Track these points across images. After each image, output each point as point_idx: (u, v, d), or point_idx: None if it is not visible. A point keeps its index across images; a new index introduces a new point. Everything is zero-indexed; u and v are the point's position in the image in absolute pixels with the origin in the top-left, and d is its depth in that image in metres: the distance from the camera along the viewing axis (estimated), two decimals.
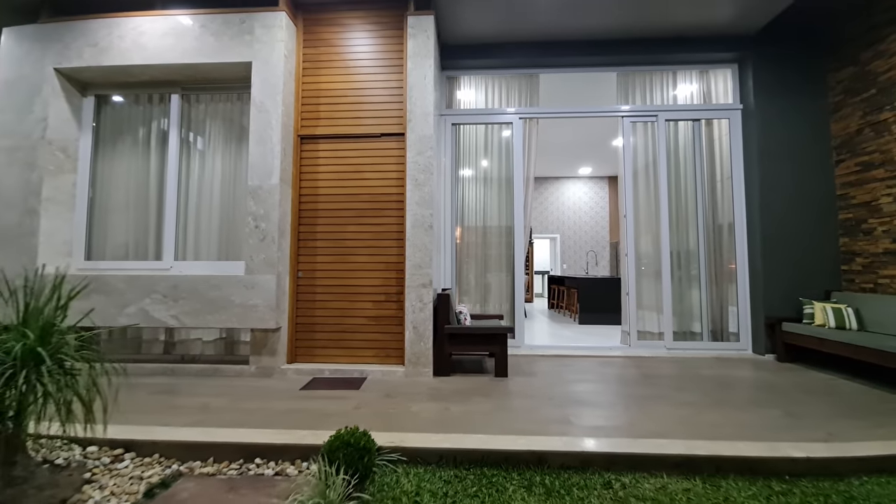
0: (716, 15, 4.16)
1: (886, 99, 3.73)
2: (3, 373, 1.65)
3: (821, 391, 3.09)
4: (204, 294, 3.46)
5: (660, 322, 4.56)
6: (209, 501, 1.76)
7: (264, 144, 3.55)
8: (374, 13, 3.87)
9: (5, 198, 3.68)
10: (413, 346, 3.50)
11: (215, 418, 2.49)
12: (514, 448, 2.02)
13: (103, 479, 1.92)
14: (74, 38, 3.75)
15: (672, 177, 4.66)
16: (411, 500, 1.73)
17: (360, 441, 1.77)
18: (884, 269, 3.75)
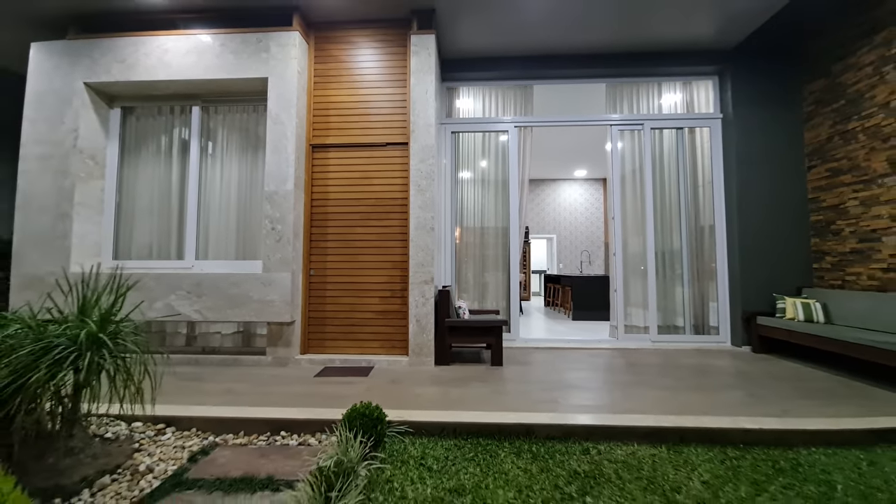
0: (697, 31, 4.43)
1: (854, 109, 4.01)
2: (69, 356, 1.93)
3: (786, 377, 3.37)
4: (225, 291, 3.73)
5: (645, 317, 4.84)
6: (245, 465, 2.03)
7: (279, 153, 3.83)
8: (379, 31, 4.15)
9: (40, 203, 3.96)
10: (416, 337, 3.78)
11: (241, 399, 2.77)
12: (505, 421, 2.30)
13: (150, 448, 2.20)
14: (102, 54, 4.02)
15: (657, 181, 4.94)
16: (418, 462, 2.01)
17: (373, 413, 2.05)
18: (850, 266, 4.03)
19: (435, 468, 1.97)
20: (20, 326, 1.98)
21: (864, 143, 3.87)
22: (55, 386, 1.96)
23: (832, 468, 2.01)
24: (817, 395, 2.91)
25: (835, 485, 1.86)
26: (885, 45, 3.68)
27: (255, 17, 3.98)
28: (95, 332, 1.99)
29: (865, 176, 3.85)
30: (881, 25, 3.72)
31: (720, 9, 4.02)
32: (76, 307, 2.15)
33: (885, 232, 3.67)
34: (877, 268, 3.75)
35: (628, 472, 1.95)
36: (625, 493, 1.78)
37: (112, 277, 2.25)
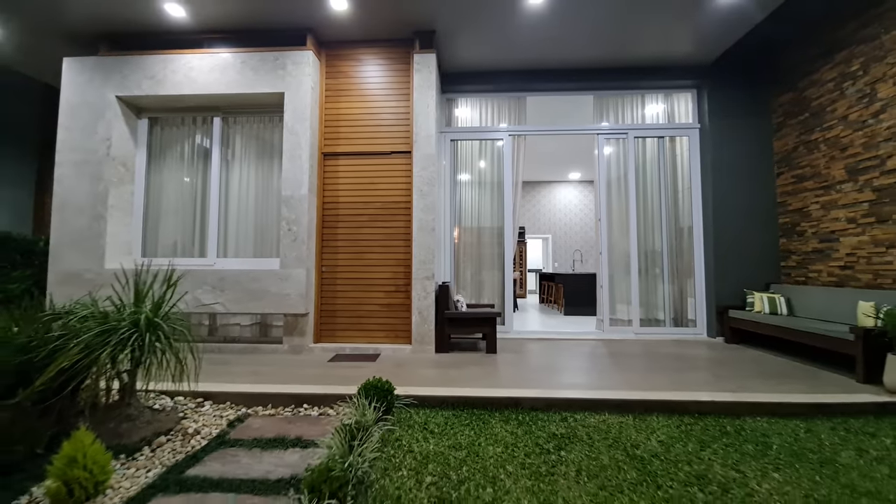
0: (676, 48, 4.77)
1: (816, 121, 4.36)
2: (131, 336, 2.27)
3: (749, 362, 3.72)
4: (246, 285, 4.08)
5: (629, 311, 5.19)
6: (276, 429, 2.38)
7: (295, 161, 4.17)
8: (385, 50, 4.49)
9: (76, 205, 4.30)
10: (418, 328, 4.13)
11: (266, 379, 3.12)
12: (496, 395, 2.65)
13: (193, 417, 2.55)
14: (132, 70, 4.36)
15: (640, 186, 5.29)
16: (422, 426, 2.35)
17: (384, 386, 2.40)
18: (813, 264, 4.38)
19: (436, 431, 2.32)
20: (90, 312, 2.32)
21: (825, 152, 4.22)
22: (116, 362, 2.30)
23: (772, 433, 2.36)
24: (773, 376, 3.26)
25: (771, 445, 2.21)
26: (845, 63, 4.03)
27: (272, 37, 4.31)
28: (151, 317, 2.34)
29: (826, 182, 4.21)
30: (841, 46, 4.06)
31: (695, 28, 4.36)
32: (132, 297, 2.48)
33: (842, 233, 4.02)
34: (835, 266, 4.10)
35: (598, 434, 2.30)
36: (593, 448, 2.13)
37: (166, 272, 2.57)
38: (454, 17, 4.13)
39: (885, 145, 3.58)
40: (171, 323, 2.42)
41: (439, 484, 1.79)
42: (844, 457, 2.08)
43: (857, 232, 3.84)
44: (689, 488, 1.77)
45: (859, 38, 3.85)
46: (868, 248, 3.73)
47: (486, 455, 2.06)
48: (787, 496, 1.72)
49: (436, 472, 1.88)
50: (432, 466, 1.94)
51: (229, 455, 2.08)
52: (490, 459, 2.02)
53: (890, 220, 3.54)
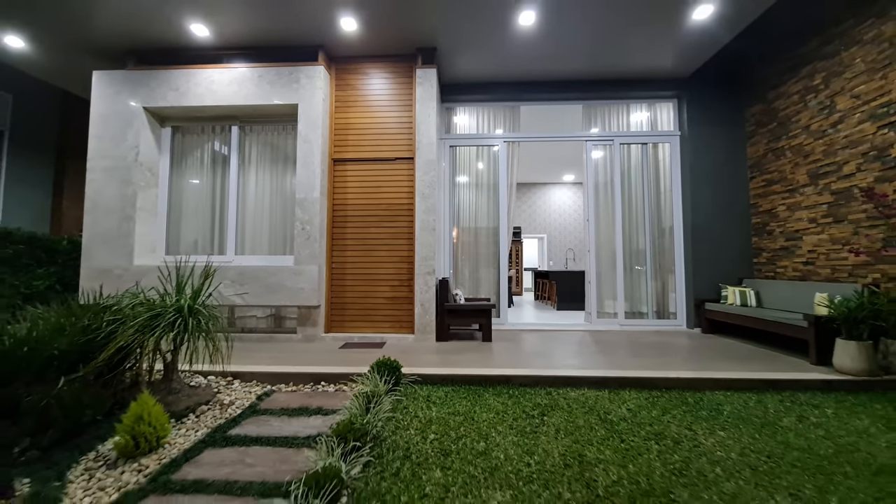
0: (658, 62, 5.11)
1: (783, 130, 4.70)
2: (176, 321, 2.60)
3: (719, 348, 4.07)
4: (263, 280, 4.41)
5: (615, 304, 5.53)
6: (299, 401, 2.71)
7: (308, 167, 4.50)
8: (390, 64, 4.82)
9: (106, 207, 4.63)
10: (420, 318, 4.46)
11: (285, 362, 3.44)
12: (490, 374, 2.99)
13: (226, 391, 2.88)
14: (159, 84, 4.69)
15: (625, 189, 5.63)
16: (425, 398, 2.69)
17: (392, 363, 2.74)
18: (780, 260, 4.72)
19: (437, 402, 2.66)
20: (139, 301, 2.64)
21: (790, 158, 4.57)
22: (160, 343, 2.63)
23: (725, 403, 2.70)
24: (737, 359, 3.61)
25: (722, 411, 2.55)
26: (808, 78, 4.38)
27: (287, 53, 4.64)
28: (192, 305, 2.67)
29: (791, 186, 4.55)
30: (805, 61, 4.41)
31: (673, 45, 4.70)
32: (173, 288, 2.81)
33: (805, 232, 4.37)
34: (798, 262, 4.45)
35: (577, 404, 2.64)
36: (571, 414, 2.47)
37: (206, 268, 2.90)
38: (454, 36, 4.47)
39: (842, 153, 3.93)
40: (207, 310, 2.75)
41: (441, 439, 2.13)
42: (786, 421, 2.42)
43: (818, 231, 4.19)
44: (647, 442, 2.11)
45: (821, 55, 4.19)
46: (826, 246, 4.08)
47: (480, 419, 2.40)
48: (727, 448, 2.06)
49: (438, 432, 2.22)
50: (435, 427, 2.27)
51: (262, 420, 2.42)
52: (483, 423, 2.35)
53: (845, 220, 3.89)
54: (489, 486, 1.71)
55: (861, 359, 3.02)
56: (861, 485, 1.74)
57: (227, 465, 1.90)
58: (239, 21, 4.26)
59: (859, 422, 2.42)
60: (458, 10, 4.05)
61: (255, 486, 1.72)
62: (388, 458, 1.93)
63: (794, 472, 1.85)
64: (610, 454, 1.98)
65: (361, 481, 1.72)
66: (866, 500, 1.63)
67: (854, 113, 3.79)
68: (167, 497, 1.66)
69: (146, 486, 1.72)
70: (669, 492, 1.67)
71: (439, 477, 1.77)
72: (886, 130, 3.50)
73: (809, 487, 1.72)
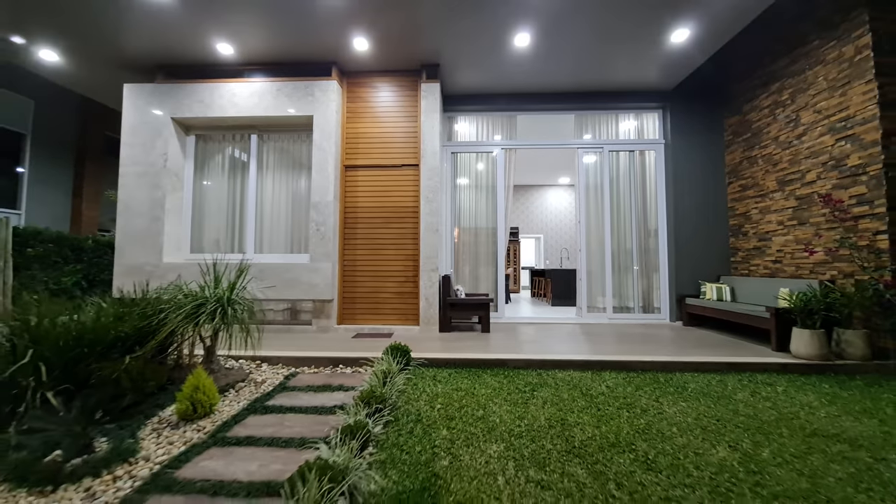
0: (644, 76, 5.47)
1: (756, 140, 5.07)
2: (216, 310, 2.95)
3: (695, 338, 4.44)
4: (281, 275, 4.76)
5: (604, 300, 5.89)
6: (322, 381, 3.07)
7: (322, 173, 4.86)
8: (397, 78, 5.18)
9: (137, 209, 4.98)
10: (425, 311, 4.82)
11: (305, 349, 3.80)
12: (488, 357, 3.35)
13: (257, 372, 3.24)
14: (186, 95, 5.04)
15: (614, 193, 5.99)
16: (432, 377, 3.06)
17: (403, 347, 3.11)
18: (753, 259, 5.09)
19: (442, 381, 3.02)
20: (185, 293, 3.00)
21: (762, 166, 4.94)
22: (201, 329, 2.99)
23: (691, 382, 3.07)
24: (708, 346, 3.97)
25: (687, 388, 2.92)
26: (777, 93, 4.74)
27: (303, 69, 5.00)
28: (230, 296, 3.03)
29: (762, 191, 4.92)
30: (775, 78, 4.77)
31: (656, 63, 5.06)
32: (213, 282, 3.16)
33: (774, 233, 4.73)
34: (769, 260, 4.81)
35: (563, 382, 3.00)
36: (558, 390, 2.83)
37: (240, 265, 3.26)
38: (455, 54, 4.82)
39: (806, 162, 4.30)
40: (240, 301, 3.10)
41: (446, 408, 2.49)
42: (740, 396, 2.79)
43: (784, 233, 4.55)
44: (619, 410, 2.48)
45: (789, 73, 4.56)
46: (792, 246, 4.45)
47: (479, 394, 2.76)
48: (685, 414, 2.43)
49: (443, 403, 2.59)
50: (441, 399, 2.64)
51: (292, 394, 2.78)
52: (482, 396, 2.72)
53: (808, 223, 4.26)
54: (486, 441, 2.07)
55: (814, 345, 3.39)
56: (793, 443, 2.11)
57: (270, 427, 2.26)
58: (260, 40, 4.61)
59: (805, 397, 2.79)
60: (459, 32, 4.41)
61: (296, 440, 2.08)
62: (403, 421, 2.29)
63: (737, 431, 2.22)
64: (587, 419, 2.35)
65: (383, 436, 2.08)
66: (794, 453, 2.00)
67: (816, 126, 4.16)
68: (227, 448, 2.02)
69: (208, 440, 2.09)
70: (632, 444, 2.04)
71: (446, 434, 2.14)
72: (843, 143, 3.86)
73: (747, 442, 2.09)
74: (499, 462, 1.86)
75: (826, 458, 1.93)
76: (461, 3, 3.96)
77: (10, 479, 1.76)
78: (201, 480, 1.73)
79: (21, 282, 5.79)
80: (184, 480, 1.73)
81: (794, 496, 1.62)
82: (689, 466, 1.83)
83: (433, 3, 3.97)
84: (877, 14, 3.66)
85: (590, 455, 1.93)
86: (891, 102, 3.54)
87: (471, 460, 1.88)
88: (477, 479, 1.72)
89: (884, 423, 2.37)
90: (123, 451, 1.95)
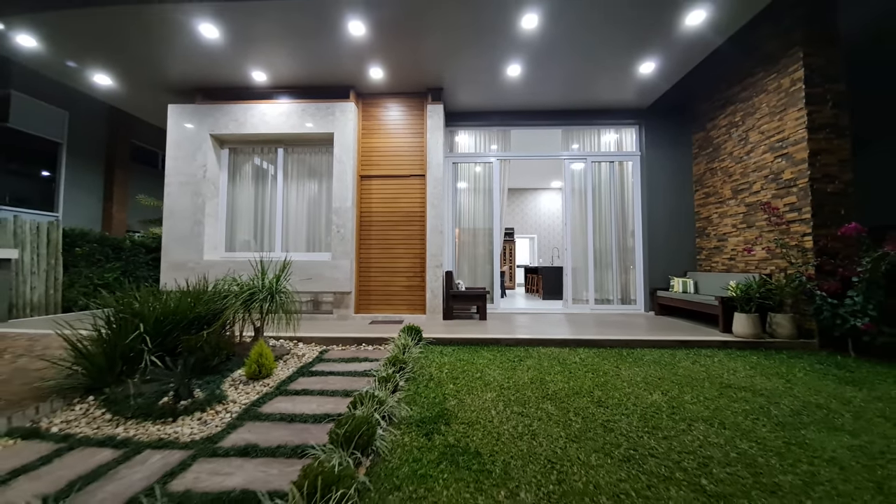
0: (623, 97, 6.11)
1: (716, 154, 5.73)
2: (266, 298, 3.59)
3: (661, 324, 5.10)
4: (307, 271, 5.40)
5: (587, 293, 6.55)
6: (350, 355, 3.72)
7: (342, 182, 5.50)
8: (405, 99, 5.82)
9: (181, 214, 5.60)
10: (430, 302, 5.47)
11: (332, 332, 4.44)
12: (484, 337, 4.00)
13: (296, 349, 3.88)
14: (223, 115, 5.66)
15: (596, 199, 6.64)
16: (439, 352, 3.71)
17: (416, 328, 3.75)
18: (714, 257, 5.76)
19: (448, 354, 3.67)
20: (238, 284, 3.64)
21: (720, 177, 5.60)
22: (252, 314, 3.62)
23: (647, 355, 3.73)
24: (668, 330, 4.63)
25: (643, 358, 3.57)
26: (732, 115, 5.39)
27: (325, 92, 5.63)
28: (276, 287, 3.67)
29: (721, 198, 5.58)
30: (731, 102, 5.43)
31: (631, 87, 5.72)
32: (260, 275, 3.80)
33: (730, 234, 5.40)
34: (725, 258, 5.48)
35: (544, 355, 3.66)
36: (540, 360, 3.49)
37: (283, 263, 3.89)
38: (457, 80, 5.47)
39: (752, 175, 4.96)
40: (283, 291, 3.74)
41: (452, 371, 3.15)
42: (682, 363, 3.45)
43: (736, 234, 5.22)
44: (586, 373, 3.13)
45: (740, 98, 5.21)
46: (742, 245, 5.11)
47: (477, 363, 3.41)
48: (635, 374, 3.09)
49: (449, 368, 3.24)
50: (447, 366, 3.29)
51: (329, 364, 3.42)
52: (480, 364, 3.37)
53: (754, 226, 4.92)
54: (483, 391, 2.72)
55: (750, 326, 4.06)
56: (710, 391, 2.77)
57: (317, 384, 2.90)
58: (289, 68, 5.24)
59: (733, 364, 3.45)
60: (460, 63, 5.05)
61: (340, 392, 2.72)
62: (420, 378, 2.94)
63: (670, 384, 2.88)
64: (560, 378, 3.00)
65: (406, 387, 2.73)
66: (708, 397, 2.65)
67: (760, 145, 4.82)
68: (289, 396, 2.67)
69: (273, 391, 2.73)
70: (591, 392, 2.69)
71: (452, 387, 2.79)
72: (780, 160, 4.53)
73: (676, 391, 2.75)
74: (492, 403, 2.52)
75: (731, 400, 2.59)
76: (462, 40, 4.60)
77: (136, 415, 2.39)
78: (278, 413, 2.38)
79: (70, 277, 6.42)
80: (265, 414, 2.38)
81: (697, 419, 2.28)
82: (628, 404, 2.49)
83: (438, 39, 4.61)
84: (809, 51, 4.30)
85: (559, 399, 2.58)
86: (817, 127, 4.19)
87: (471, 401, 2.53)
88: (476, 412, 2.37)
89: (789, 382, 3.03)
90: (217, 397, 2.59)
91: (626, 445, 1.96)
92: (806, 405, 2.52)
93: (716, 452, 1.90)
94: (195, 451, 1.93)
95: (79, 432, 2.16)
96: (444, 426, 2.16)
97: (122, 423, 2.27)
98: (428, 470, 1.72)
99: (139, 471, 1.76)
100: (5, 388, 2.67)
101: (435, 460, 1.80)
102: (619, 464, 1.79)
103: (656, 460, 1.83)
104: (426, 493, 1.56)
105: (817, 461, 1.84)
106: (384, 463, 1.78)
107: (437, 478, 1.66)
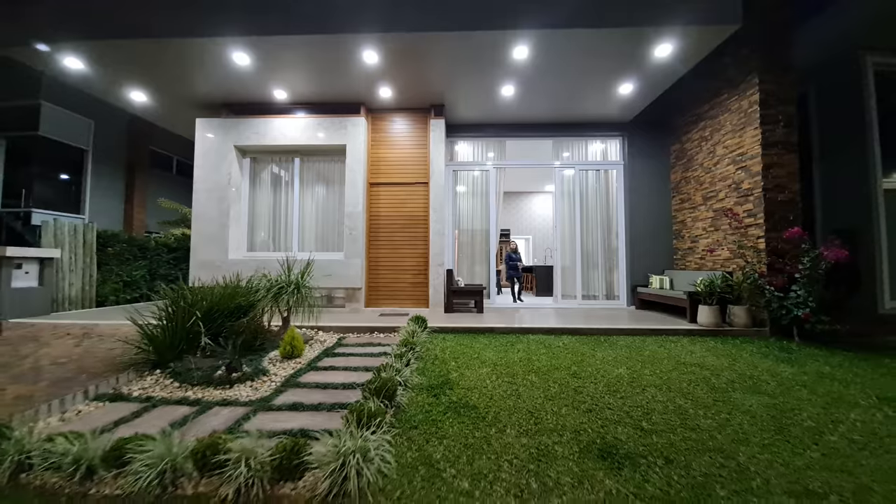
0: (608, 111, 6.64)
1: (689, 164, 6.26)
2: (293, 292, 4.09)
3: (638, 316, 5.63)
4: (323, 269, 5.89)
5: (575, 289, 7.08)
6: (365, 341, 4.23)
7: (353, 189, 6.01)
8: (410, 114, 6.34)
9: (208, 217, 6.10)
10: (433, 297, 5.99)
11: (347, 322, 4.95)
12: (481, 326, 4.53)
13: (317, 336, 4.39)
14: (246, 128, 6.16)
15: (584, 204, 7.17)
16: (441, 338, 4.23)
17: (422, 318, 4.26)
18: (688, 257, 6.30)
19: (449, 340, 4.19)
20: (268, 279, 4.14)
21: (693, 185, 6.14)
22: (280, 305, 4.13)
23: (621, 340, 4.25)
24: (643, 321, 5.16)
25: (617, 344, 4.10)
26: (703, 130, 5.93)
27: (338, 108, 6.14)
28: (301, 282, 4.17)
29: (693, 204, 6.12)
30: (701, 118, 5.96)
31: (614, 102, 6.25)
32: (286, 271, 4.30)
33: (701, 236, 5.93)
34: (697, 257, 6.02)
35: (533, 341, 4.18)
36: (529, 345, 4.01)
37: (306, 263, 4.40)
38: (457, 97, 5.99)
39: (719, 184, 5.50)
40: (307, 286, 4.25)
41: (453, 352, 3.66)
42: (650, 347, 3.97)
43: (706, 236, 5.76)
44: (567, 354, 3.66)
45: (709, 116, 5.75)
46: (710, 247, 5.65)
47: (475, 346, 3.93)
48: (608, 355, 3.61)
49: (451, 350, 3.75)
50: (449, 349, 3.81)
51: (348, 347, 3.94)
52: (477, 348, 3.89)
53: (720, 229, 5.46)
54: (479, 367, 3.24)
55: (711, 316, 4.59)
56: (666, 367, 3.29)
57: (341, 363, 3.41)
58: (307, 88, 5.75)
59: (692, 347, 3.98)
60: (460, 84, 5.57)
61: (361, 368, 3.23)
62: (427, 357, 3.46)
63: (635, 361, 3.41)
64: (544, 358, 3.53)
65: (415, 364, 3.26)
66: (663, 370, 3.18)
67: (725, 158, 5.36)
68: (319, 371, 3.18)
69: (306, 367, 3.24)
70: (569, 368, 3.22)
71: (454, 364, 3.31)
72: (740, 172, 5.06)
73: (638, 366, 3.27)
74: (487, 375, 3.04)
75: (681, 373, 3.12)
76: (462, 65, 5.12)
77: (200, 383, 2.89)
78: (313, 382, 2.89)
79: (102, 275, 6.91)
80: (303, 382, 2.89)
81: (650, 386, 2.80)
82: (598, 376, 3.02)
83: (441, 66, 5.12)
84: (765, 77, 4.83)
85: (542, 372, 3.11)
86: (770, 143, 4.73)
87: (470, 374, 3.05)
88: (474, 381, 2.89)
89: (734, 360, 3.55)
90: (261, 371, 3.10)
91: (590, 402, 2.49)
92: (741, 376, 3.06)
93: (658, 406, 2.43)
94: (254, 407, 2.44)
95: (156, 395, 2.66)
96: (448, 390, 2.68)
97: (190, 388, 2.78)
98: (437, 416, 2.24)
99: (216, 419, 2.27)
100: (83, 364, 3.18)
101: (442, 411, 2.32)
102: (583, 413, 2.32)
103: (612, 411, 2.35)
104: (436, 430, 2.08)
105: (735, 412, 2.37)
106: (403, 412, 2.30)
107: (445, 421, 2.19)
